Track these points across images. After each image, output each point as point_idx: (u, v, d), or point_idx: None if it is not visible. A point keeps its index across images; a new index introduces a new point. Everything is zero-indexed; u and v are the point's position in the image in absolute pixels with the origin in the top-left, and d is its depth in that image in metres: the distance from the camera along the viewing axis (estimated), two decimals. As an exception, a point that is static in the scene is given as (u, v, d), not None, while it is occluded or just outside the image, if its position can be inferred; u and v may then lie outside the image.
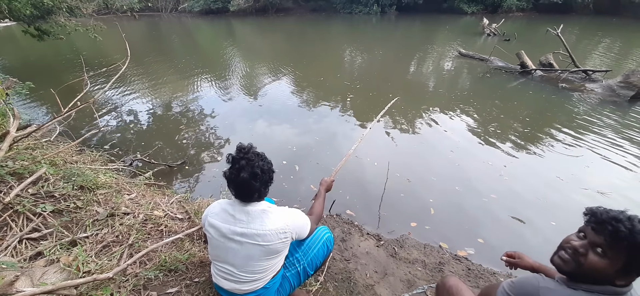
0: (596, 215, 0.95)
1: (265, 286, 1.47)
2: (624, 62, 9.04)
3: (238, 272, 1.41)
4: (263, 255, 1.37)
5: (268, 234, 1.34)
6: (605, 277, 0.93)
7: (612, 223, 0.90)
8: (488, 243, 2.69)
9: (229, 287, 1.44)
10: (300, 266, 1.64)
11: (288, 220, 1.40)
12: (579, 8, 20.64)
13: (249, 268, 1.40)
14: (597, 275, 0.93)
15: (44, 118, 5.37)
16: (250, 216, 1.35)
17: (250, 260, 1.38)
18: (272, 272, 1.46)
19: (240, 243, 1.35)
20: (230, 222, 1.36)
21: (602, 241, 0.91)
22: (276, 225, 1.36)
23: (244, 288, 1.43)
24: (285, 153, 4.14)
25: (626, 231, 0.89)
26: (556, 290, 0.94)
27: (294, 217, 1.45)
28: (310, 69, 9.18)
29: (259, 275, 1.42)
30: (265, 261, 1.40)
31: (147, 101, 6.40)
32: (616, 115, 5.31)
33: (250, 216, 1.35)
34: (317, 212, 1.69)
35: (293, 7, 26.80)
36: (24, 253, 1.84)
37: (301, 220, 1.48)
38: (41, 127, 3.25)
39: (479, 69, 8.42)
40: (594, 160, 3.98)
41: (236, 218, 1.35)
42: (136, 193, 2.62)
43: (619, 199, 3.22)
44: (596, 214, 0.95)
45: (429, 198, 3.26)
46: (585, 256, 0.94)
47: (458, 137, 4.64)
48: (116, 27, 5.23)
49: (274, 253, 1.40)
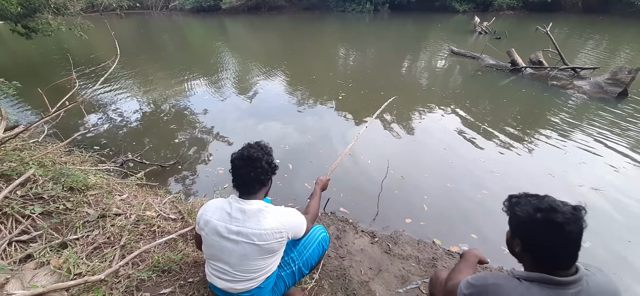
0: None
1: (260, 285, 1.46)
2: (611, 59, 9.23)
3: (233, 271, 1.40)
4: (259, 254, 1.37)
5: (264, 233, 1.34)
6: (521, 259, 1.00)
7: (504, 202, 1.01)
8: (481, 239, 2.73)
9: (224, 286, 1.43)
10: (295, 266, 1.63)
11: (284, 219, 1.40)
12: (568, 6, 20.97)
13: (244, 267, 1.39)
14: (517, 258, 1.01)
15: (32, 118, 5.27)
16: (246, 215, 1.35)
17: (245, 259, 1.37)
18: (267, 272, 1.45)
19: (235, 242, 1.34)
20: (226, 220, 1.36)
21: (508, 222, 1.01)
22: (272, 225, 1.35)
23: (238, 287, 1.42)
24: (278, 151, 4.10)
25: (507, 204, 1.00)
26: (503, 284, 0.96)
27: (290, 216, 1.44)
28: (302, 67, 9.17)
29: (254, 275, 1.41)
30: (261, 261, 1.40)
31: (138, 100, 6.32)
32: (604, 111, 5.41)
33: (246, 215, 1.35)
34: (312, 211, 1.69)
35: (286, 5, 26.66)
36: (14, 255, 1.80)
37: (297, 219, 1.47)
38: (29, 128, 3.20)
39: (471, 67, 8.51)
40: (584, 156, 4.05)
41: (232, 216, 1.35)
42: (128, 194, 2.59)
43: (614, 195, 3.25)
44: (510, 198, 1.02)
45: (422, 195, 3.29)
46: (510, 240, 1.03)
47: (450, 134, 4.69)
48: (105, 26, 5.14)
49: (270, 252, 1.40)
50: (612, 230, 2.81)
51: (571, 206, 0.89)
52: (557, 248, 0.89)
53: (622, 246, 2.64)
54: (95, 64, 8.64)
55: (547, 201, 0.91)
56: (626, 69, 5.88)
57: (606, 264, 2.47)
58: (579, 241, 0.88)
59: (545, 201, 0.92)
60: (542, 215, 0.89)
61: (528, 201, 0.95)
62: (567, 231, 0.86)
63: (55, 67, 9.22)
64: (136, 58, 10.23)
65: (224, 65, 9.66)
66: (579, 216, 0.87)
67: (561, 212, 0.87)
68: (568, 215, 0.86)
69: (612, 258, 2.54)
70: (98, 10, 10.00)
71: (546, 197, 0.94)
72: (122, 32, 16.86)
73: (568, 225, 0.86)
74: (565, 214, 0.86)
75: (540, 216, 0.89)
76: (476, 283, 1.01)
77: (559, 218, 0.86)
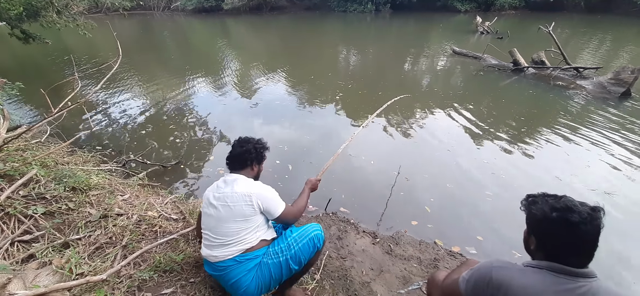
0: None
1: (236, 258, 1.53)
2: (614, 59, 9.17)
3: (212, 235, 1.55)
4: (231, 216, 1.52)
5: (235, 196, 1.53)
6: (535, 257, 0.99)
7: (522, 201, 1.01)
8: (486, 240, 2.71)
9: (206, 254, 1.57)
10: (282, 257, 1.61)
11: (255, 189, 1.57)
12: (570, 6, 20.86)
13: (219, 230, 1.53)
14: (532, 256, 1.01)
15: (35, 119, 5.29)
16: (226, 183, 1.60)
17: (220, 222, 1.53)
18: (242, 243, 1.53)
19: (215, 207, 1.55)
20: (214, 190, 1.61)
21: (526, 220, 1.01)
22: (242, 190, 1.55)
23: (214, 253, 1.53)
24: (278, 152, 4.13)
25: (525, 203, 0.99)
26: (508, 267, 0.96)
27: (262, 189, 1.60)
28: (303, 67, 9.17)
29: (227, 239, 1.52)
30: (233, 224, 1.52)
31: (140, 101, 6.33)
32: (608, 111, 5.38)
33: (226, 183, 1.60)
34: (297, 204, 1.76)
35: (287, 6, 26.68)
36: (16, 255, 1.81)
37: (270, 194, 1.61)
38: (31, 128, 3.21)
39: (472, 67, 8.48)
40: (589, 158, 4.02)
41: (218, 186, 1.61)
42: (130, 194, 2.59)
43: (621, 199, 3.19)
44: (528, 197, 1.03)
45: (425, 196, 3.28)
46: (526, 238, 1.03)
47: (453, 135, 4.66)
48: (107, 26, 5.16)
49: (241, 216, 1.52)
50: (615, 230, 2.79)
51: (589, 207, 0.89)
52: (571, 246, 0.89)
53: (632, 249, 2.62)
54: (97, 64, 8.68)
55: (564, 200, 0.92)
56: (629, 68, 5.84)
57: (615, 268, 2.45)
58: (595, 242, 0.88)
59: (562, 201, 0.92)
60: (557, 214, 0.89)
61: (545, 200, 0.95)
62: (582, 231, 0.86)
63: (57, 67, 9.26)
64: (138, 58, 10.26)
65: (225, 66, 9.68)
66: (596, 216, 0.87)
67: (577, 212, 0.87)
68: (584, 215, 0.86)
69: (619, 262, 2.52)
70: (101, 10, 10.03)
71: (564, 196, 0.94)
72: (124, 33, 16.91)
73: (584, 225, 0.86)
74: (582, 214, 0.86)
75: (555, 215, 0.90)
76: (480, 267, 1.01)
77: (574, 218, 0.86)
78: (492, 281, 0.94)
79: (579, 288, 0.86)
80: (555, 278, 0.88)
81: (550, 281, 0.88)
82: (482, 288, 0.97)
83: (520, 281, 0.90)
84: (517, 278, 0.91)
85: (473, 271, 1.03)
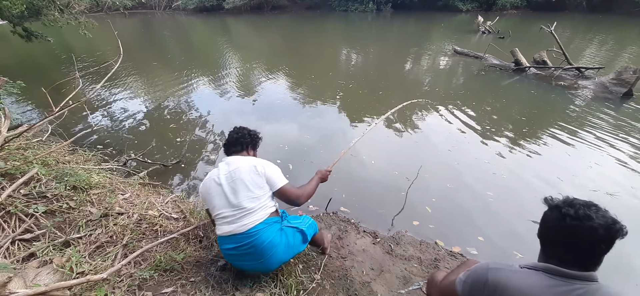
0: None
1: (266, 221, 1.63)
2: (616, 59, 9.14)
3: (231, 211, 1.62)
4: (245, 188, 1.63)
5: (241, 169, 1.67)
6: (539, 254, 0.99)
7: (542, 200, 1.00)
8: (487, 241, 2.70)
9: (229, 230, 1.62)
10: (298, 228, 1.82)
11: (260, 162, 1.72)
12: (572, 5, 20.79)
13: (238, 203, 1.61)
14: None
15: (36, 117, 5.30)
16: (229, 164, 1.72)
17: (236, 194, 1.62)
18: (265, 208, 1.65)
19: (226, 186, 1.65)
20: (216, 173, 1.72)
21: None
22: (246, 163, 1.70)
23: (242, 223, 1.60)
24: (278, 152, 4.13)
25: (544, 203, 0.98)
26: (504, 268, 0.96)
27: (268, 164, 1.74)
28: (304, 67, 9.16)
29: (250, 206, 1.61)
30: (251, 192, 1.63)
31: (141, 100, 6.34)
32: (610, 112, 5.36)
33: (229, 164, 1.72)
34: (306, 188, 1.85)
35: (288, 5, 26.64)
36: (17, 254, 1.81)
37: (274, 169, 1.74)
38: (33, 127, 3.21)
39: (474, 67, 8.46)
40: (591, 158, 4.00)
41: (220, 168, 1.73)
42: (130, 193, 2.60)
43: (624, 200, 3.18)
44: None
45: (426, 196, 3.27)
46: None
47: (455, 135, 4.65)
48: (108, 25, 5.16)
49: (254, 185, 1.64)
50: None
51: (587, 205, 0.88)
52: (567, 246, 0.89)
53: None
54: (98, 63, 8.68)
55: (566, 200, 0.92)
56: (631, 68, 5.82)
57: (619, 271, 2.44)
58: (594, 244, 0.86)
59: (564, 200, 0.92)
60: (554, 212, 0.91)
61: (556, 204, 0.94)
62: (577, 231, 0.87)
63: (58, 66, 9.28)
64: (140, 57, 10.27)
65: (226, 65, 9.68)
66: (591, 216, 0.86)
67: (574, 210, 0.88)
68: (580, 213, 0.87)
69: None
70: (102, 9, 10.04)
71: (574, 199, 0.93)
72: (125, 32, 16.92)
73: (579, 222, 0.86)
74: (578, 212, 0.87)
75: (553, 213, 0.91)
76: (476, 269, 1.01)
77: (569, 214, 0.87)
78: (488, 283, 0.94)
79: (575, 290, 0.85)
80: (551, 280, 0.88)
81: (546, 284, 0.88)
82: (479, 290, 0.97)
83: (516, 283, 0.90)
84: (513, 280, 0.91)
85: (470, 272, 1.03)
